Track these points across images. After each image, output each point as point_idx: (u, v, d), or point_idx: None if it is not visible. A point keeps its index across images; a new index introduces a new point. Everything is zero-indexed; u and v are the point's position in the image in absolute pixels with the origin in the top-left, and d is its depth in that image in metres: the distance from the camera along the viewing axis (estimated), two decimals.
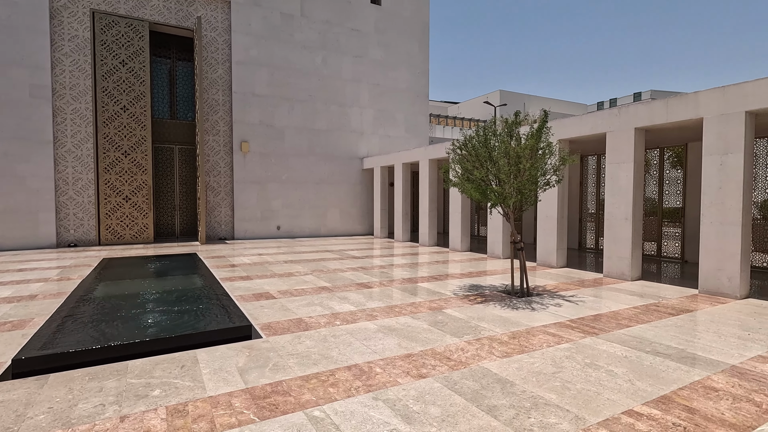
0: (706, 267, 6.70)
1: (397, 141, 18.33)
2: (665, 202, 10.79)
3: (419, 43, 18.69)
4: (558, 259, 9.29)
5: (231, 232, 15.24)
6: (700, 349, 4.21)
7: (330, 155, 16.83)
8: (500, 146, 6.31)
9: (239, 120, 15.12)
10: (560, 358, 3.92)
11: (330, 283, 7.49)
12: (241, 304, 5.88)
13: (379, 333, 4.65)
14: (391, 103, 18.15)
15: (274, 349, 4.11)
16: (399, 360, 3.87)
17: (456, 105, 55.16)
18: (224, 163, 15.12)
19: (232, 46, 14.93)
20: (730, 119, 6.38)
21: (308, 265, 9.53)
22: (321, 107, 16.57)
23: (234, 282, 7.46)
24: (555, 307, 5.82)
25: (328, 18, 16.59)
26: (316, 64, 16.40)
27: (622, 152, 7.84)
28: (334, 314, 5.41)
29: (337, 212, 17.04)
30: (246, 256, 10.81)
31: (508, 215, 6.62)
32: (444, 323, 5.04)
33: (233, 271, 8.65)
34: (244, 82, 15.15)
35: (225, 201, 15.16)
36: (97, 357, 3.76)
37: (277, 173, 15.83)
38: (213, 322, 4.65)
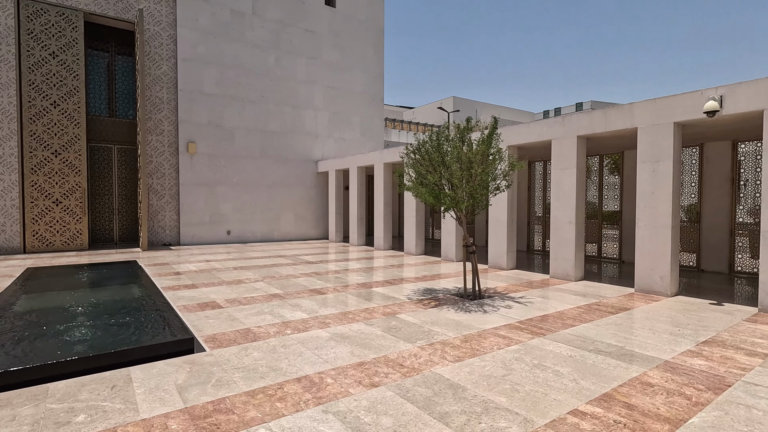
0: (641, 267, 7.16)
1: (352, 144, 18.23)
2: (605, 206, 11.46)
3: (374, 46, 18.73)
4: (508, 262, 9.58)
5: (177, 238, 14.43)
6: (637, 346, 4.45)
7: (283, 158, 16.42)
8: (453, 151, 6.40)
9: (186, 119, 14.39)
10: (510, 360, 3.99)
11: (282, 289, 7.24)
12: (184, 315, 5.53)
13: (331, 341, 4.53)
14: (347, 105, 18.04)
15: (218, 363, 3.87)
16: (351, 369, 3.76)
17: (411, 110, 55.95)
18: (169, 165, 14.31)
19: (178, 42, 14.20)
20: (661, 129, 6.87)
21: (259, 271, 9.19)
22: (274, 108, 16.14)
23: (177, 291, 7.02)
24: (505, 309, 5.96)
25: (280, 18, 16.22)
26: (269, 64, 15.98)
27: (566, 159, 8.23)
28: (284, 323, 5.21)
29: (291, 216, 16.65)
30: (192, 263, 10.26)
31: (460, 219, 6.72)
32: (398, 329, 5.00)
33: (177, 279, 8.15)
34: (191, 80, 14.44)
35: (170, 204, 14.34)
36: (11, 381, 3.35)
37: (227, 175, 15.21)
38: (151, 336, 4.31)
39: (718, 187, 9.27)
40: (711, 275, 9.00)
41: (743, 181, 9.00)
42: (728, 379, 3.58)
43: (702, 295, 7.02)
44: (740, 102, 6.02)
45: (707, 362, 3.98)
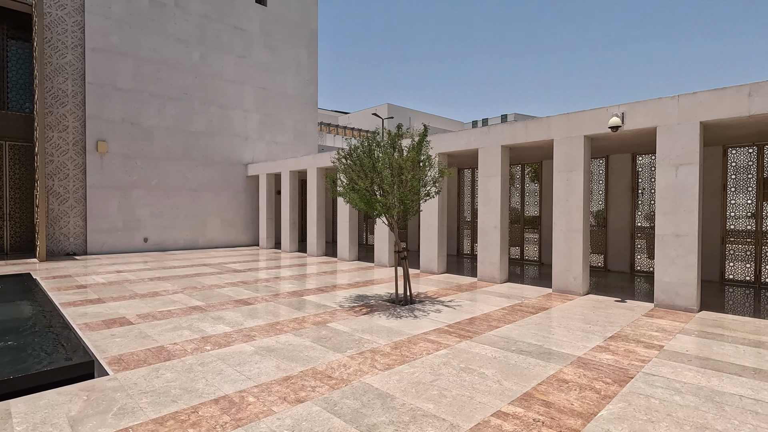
0: (557, 268, 7.69)
1: (285, 148, 17.71)
2: (526, 212, 12.23)
3: (308, 49, 18.42)
4: (439, 266, 9.82)
5: (83, 246, 12.96)
6: (554, 344, 4.73)
7: (210, 160, 15.49)
8: (384, 157, 6.41)
9: (96, 115, 13.03)
10: (438, 365, 4.03)
11: (204, 301, 6.75)
12: (86, 334, 4.91)
13: (256, 355, 4.27)
14: (279, 108, 17.50)
15: (122, 388, 3.46)
16: (276, 385, 3.56)
17: (346, 115, 55.95)
18: (74, 165, 12.85)
19: (86, 30, 12.85)
20: (573, 142, 7.47)
21: (179, 281, 8.51)
22: (199, 107, 15.19)
23: (80, 307, 6.25)
24: (435, 314, 6.06)
25: (206, 12, 15.36)
26: (194, 60, 15.03)
27: (491, 166, 8.64)
28: (204, 338, 4.83)
29: (217, 222, 15.72)
30: (100, 275, 9.25)
31: (392, 225, 6.74)
32: (328, 338, 4.86)
33: (81, 293, 7.28)
34: (102, 72, 13.13)
35: (75, 209, 12.86)
36: None
37: (144, 178, 13.99)
38: (40, 362, 3.75)
39: (621, 195, 10.29)
40: (616, 274, 9.94)
41: (641, 189, 10.08)
42: (631, 372, 3.91)
43: (609, 293, 7.70)
44: (638, 119, 6.72)
45: (613, 356, 4.32)
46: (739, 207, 8.63)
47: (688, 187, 6.28)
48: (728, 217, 8.74)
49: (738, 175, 8.58)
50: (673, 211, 6.40)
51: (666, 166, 6.48)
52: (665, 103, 6.47)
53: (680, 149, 6.34)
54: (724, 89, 5.95)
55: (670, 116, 6.43)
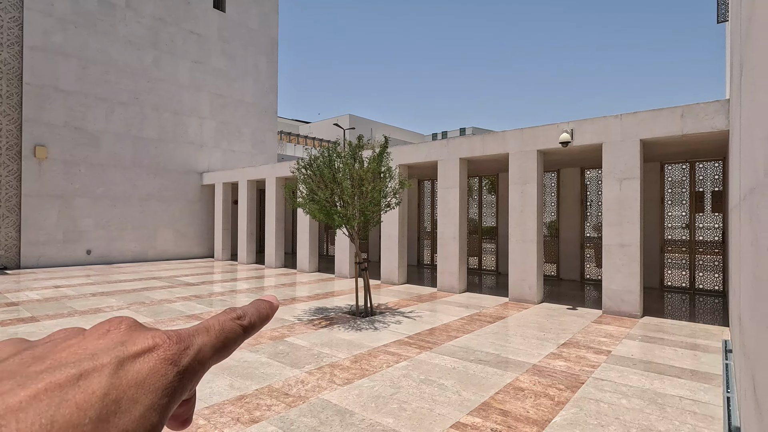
0: (513, 278, 7.93)
1: (242, 156, 17.26)
2: (484, 222, 12.57)
3: (267, 58, 18.16)
4: (399, 276, 9.86)
5: (16, 259, 11.92)
6: (511, 352, 4.84)
7: (161, 168, 14.80)
8: (344, 168, 6.38)
9: (33, 118, 12.13)
10: (398, 378, 4.00)
11: (152, 317, 6.37)
12: None
13: (207, 374, 4.06)
14: (236, 116, 17.07)
15: None
16: (229, 405, 3.39)
17: (308, 124, 55.51)
18: (7, 172, 11.85)
19: (25, 27, 12.01)
20: (527, 156, 7.78)
21: (126, 297, 8.00)
22: (150, 113, 14.52)
23: (9, 327, 5.71)
24: (396, 325, 6.05)
25: (160, 15, 14.81)
26: (145, 65, 14.39)
27: (450, 178, 8.82)
28: None
29: (169, 233, 14.99)
30: (35, 290, 8.52)
31: (352, 236, 6.70)
32: (285, 354, 4.71)
33: (12, 311, 6.66)
34: (42, 72, 12.28)
35: (7, 219, 11.83)
36: None
37: (88, 186, 13.13)
38: None
39: (571, 207, 10.81)
40: (568, 283, 10.39)
41: (589, 202, 10.65)
42: (582, 377, 4.07)
43: (561, 301, 8.02)
44: (586, 135, 7.12)
45: (566, 363, 4.48)
46: (675, 218, 9.31)
47: (631, 200, 6.70)
48: (666, 228, 9.40)
49: (674, 189, 9.27)
50: (618, 222, 6.80)
51: (611, 180, 6.89)
52: (609, 122, 6.90)
53: (623, 164, 6.77)
54: (661, 110, 6.44)
55: (614, 134, 6.86)
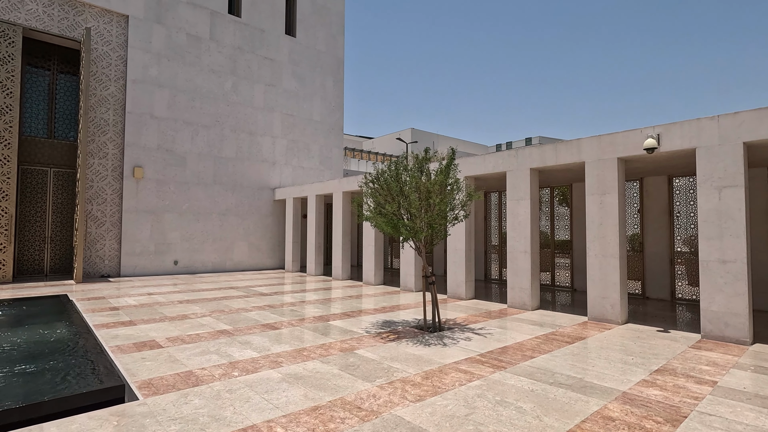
0: (593, 295, 7.35)
1: (311, 172, 18.02)
2: (556, 236, 11.89)
3: (334, 77, 18.95)
4: (467, 291, 9.58)
5: (117, 269, 13.36)
6: (595, 377, 4.45)
7: (238, 185, 15.89)
8: (411, 181, 6.38)
9: (133, 143, 13.65)
10: (472, 398, 3.83)
11: (231, 325, 6.75)
12: (118, 357, 4.96)
13: (283, 383, 4.18)
14: (305, 134, 17.93)
15: (152, 414, 3.43)
16: (304, 415, 3.45)
17: (371, 140, 56.83)
18: (112, 190, 13.40)
19: (128, 63, 13.63)
20: (606, 164, 7.26)
21: (207, 305, 8.59)
22: (229, 134, 15.72)
23: (112, 329, 6.36)
24: (465, 342, 5.85)
25: (239, 44, 16.09)
26: (225, 90, 15.66)
27: (520, 189, 8.48)
28: (232, 363, 4.79)
29: (244, 245, 15.97)
30: (132, 297, 9.45)
31: (419, 249, 6.64)
32: (356, 366, 4.73)
33: (114, 315, 7.43)
34: (140, 102, 13.82)
35: (111, 233, 13.33)
36: None
37: (176, 202, 14.44)
38: (73, 385, 3.78)
39: (657, 219, 9.87)
40: (655, 302, 9.43)
41: (678, 213, 9.65)
42: (683, 410, 3.61)
43: (649, 322, 7.28)
44: (675, 140, 6.49)
45: (662, 392, 4.02)
46: None
47: (733, 210, 5.95)
48: None
49: None
50: (717, 235, 6.06)
51: (708, 189, 6.18)
52: (704, 124, 6.24)
53: (722, 171, 6.05)
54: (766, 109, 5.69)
55: (709, 137, 6.18)
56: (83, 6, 12.99)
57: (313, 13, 18.46)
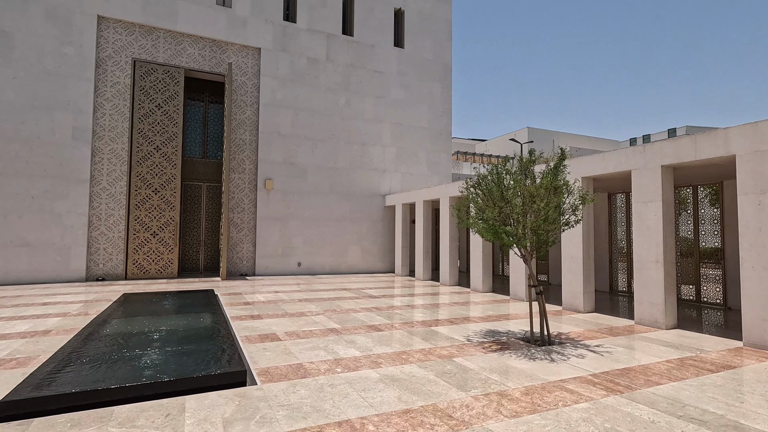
0: (750, 316, 6.06)
1: (419, 178, 18.34)
2: (702, 243, 10.07)
3: (441, 83, 19.02)
4: (585, 303, 8.71)
5: (252, 268, 15.35)
6: (747, 417, 3.68)
7: (351, 193, 16.97)
8: (515, 185, 6.10)
9: (264, 158, 15.59)
10: (576, 421, 3.50)
11: (340, 324, 7.25)
12: (245, 345, 5.73)
13: (380, 383, 4.36)
14: (413, 141, 18.33)
15: (265, 398, 3.90)
16: (395, 417, 3.56)
17: (483, 142, 55.39)
18: (248, 200, 15.48)
19: (261, 89, 15.65)
20: (766, 157, 5.94)
21: (322, 304, 9.34)
22: (343, 146, 16.90)
23: (243, 321, 7.35)
24: (577, 359, 5.34)
25: (352, 62, 17.23)
26: (339, 105, 16.90)
27: (648, 190, 7.43)
28: (336, 360, 5.16)
29: (357, 249, 16.94)
30: (262, 294, 10.76)
31: (525, 256, 6.29)
32: (452, 374, 4.69)
33: (246, 309, 8.57)
34: (269, 122, 15.73)
35: (248, 237, 15.39)
36: (83, 402, 3.66)
37: (298, 210, 16.03)
38: (209, 366, 4.50)
39: None
40: None
41: None
42: None
43: None
44: None
45: None
46: None
47: None
48: None
49: None
50: None
51: None
52: None
53: None
54: None
55: None
56: (226, 45, 15.34)
57: (419, 23, 18.84)
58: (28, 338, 6.04)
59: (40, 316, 7.58)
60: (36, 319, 7.33)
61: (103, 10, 13.53)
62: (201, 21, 14.81)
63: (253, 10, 15.66)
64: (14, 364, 4.85)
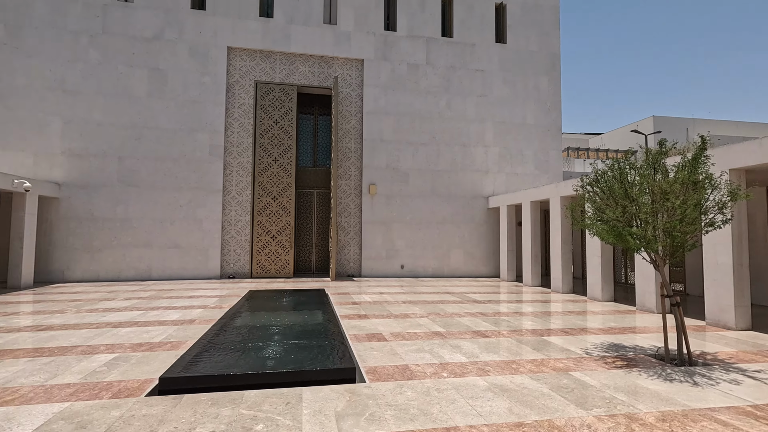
0: None
1: (525, 178, 17.36)
2: None
3: (548, 76, 17.78)
4: (737, 320, 7.31)
5: (358, 270, 16.05)
6: None
7: (453, 195, 16.75)
8: (641, 181, 5.38)
9: (368, 165, 16.23)
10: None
11: (444, 328, 7.16)
12: (354, 344, 5.98)
13: (488, 392, 4.18)
14: (518, 139, 17.43)
15: (374, 397, 4.01)
16: (507, 429, 3.37)
17: (598, 136, 50.37)
18: (354, 205, 16.26)
19: (364, 99, 16.36)
20: None
21: (426, 307, 9.35)
22: (444, 149, 16.78)
23: (351, 320, 7.70)
24: (730, 385, 4.49)
25: (452, 63, 17.06)
26: (440, 108, 16.84)
27: None
28: (442, 364, 5.09)
29: (460, 253, 16.64)
30: (368, 294, 11.17)
31: (656, 262, 5.50)
32: (570, 389, 4.29)
33: (354, 308, 8.97)
34: (372, 129, 16.34)
35: (354, 240, 16.15)
36: (219, 384, 4.17)
37: (401, 214, 16.33)
38: (322, 361, 4.79)
39: None
40: None
41: None
42: None
43: None
44: None
45: None
46: None
47: None
48: None
49: None
50: None
51: None
52: None
53: None
54: None
55: None
56: (332, 60, 16.38)
57: (523, 15, 17.89)
58: (179, 325, 7.12)
59: (187, 308, 8.89)
60: (184, 310, 8.62)
61: (232, 41, 15.48)
62: (310, 40, 16.04)
63: (356, 24, 16.48)
64: (169, 346, 5.75)
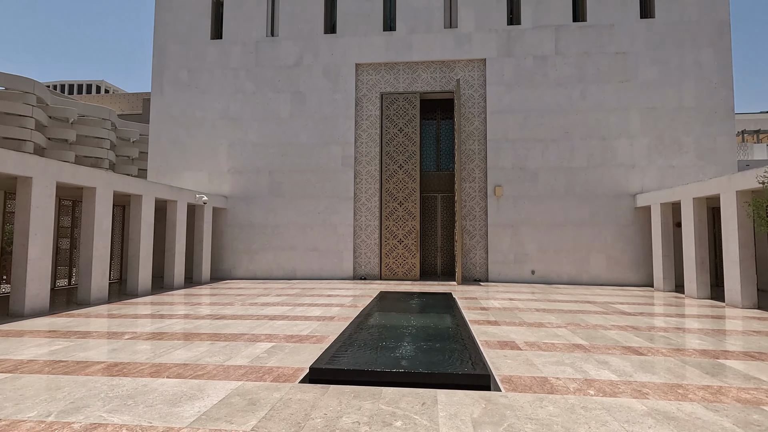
0: None
1: (684, 171, 14.78)
2: None
3: (713, 48, 14.88)
4: None
5: (485, 274, 15.61)
6: None
7: (591, 194, 15.13)
8: None
9: (493, 166, 15.71)
10: None
11: (587, 341, 6.50)
12: (485, 350, 5.83)
13: (648, 418, 3.65)
14: (673, 126, 14.93)
15: (511, 407, 3.84)
16: None
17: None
18: (479, 208, 15.88)
19: (487, 98, 15.92)
20: None
21: (562, 316, 8.62)
22: (579, 143, 15.30)
23: (481, 326, 7.52)
24: None
25: (585, 49, 15.51)
26: (573, 99, 15.42)
27: None
28: (587, 380, 4.62)
29: (602, 258, 14.92)
30: (497, 300, 10.77)
31: None
32: (761, 425, 3.50)
33: (483, 314, 8.75)
34: (497, 129, 15.77)
35: (480, 244, 15.77)
36: (359, 378, 4.47)
37: (530, 216, 15.38)
38: (454, 365, 4.78)
39: None
40: None
41: None
42: None
43: None
44: None
45: None
46: None
47: None
48: None
49: None
50: None
51: None
52: None
53: None
54: None
55: None
56: (453, 63, 16.34)
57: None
58: (321, 321, 7.86)
59: (327, 305, 9.76)
60: (324, 307, 9.48)
61: (358, 58, 16.61)
62: (431, 47, 16.27)
63: (477, 23, 16.16)
64: (314, 340, 6.38)
